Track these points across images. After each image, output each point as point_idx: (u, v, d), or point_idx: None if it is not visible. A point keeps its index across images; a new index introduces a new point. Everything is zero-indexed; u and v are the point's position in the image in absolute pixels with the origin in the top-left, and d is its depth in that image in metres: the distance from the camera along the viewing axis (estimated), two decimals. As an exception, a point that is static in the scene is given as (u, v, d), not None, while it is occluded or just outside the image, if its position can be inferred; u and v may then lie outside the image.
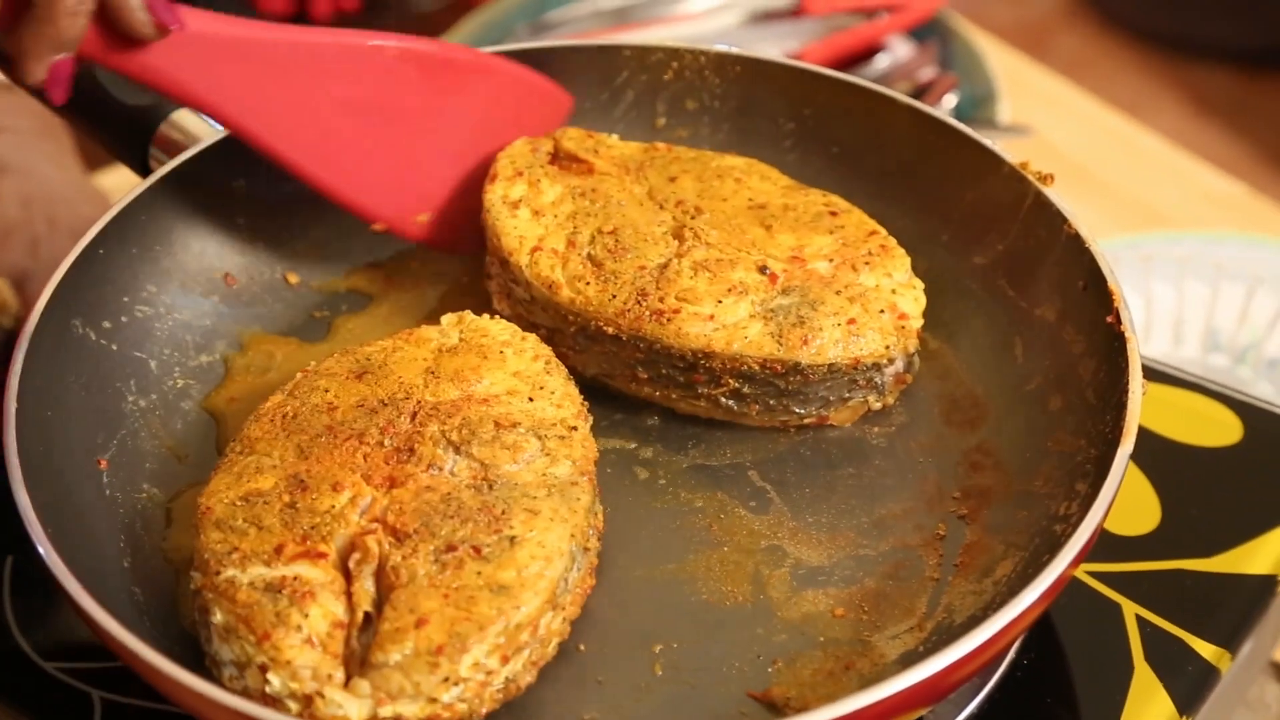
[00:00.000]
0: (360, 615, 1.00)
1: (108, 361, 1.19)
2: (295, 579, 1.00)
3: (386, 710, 0.97)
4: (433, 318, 1.22)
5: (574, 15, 1.91)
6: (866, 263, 1.18)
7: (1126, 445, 1.04)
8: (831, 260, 1.19)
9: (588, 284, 1.18)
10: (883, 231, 1.21)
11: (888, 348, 1.16)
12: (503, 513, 1.03)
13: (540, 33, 1.89)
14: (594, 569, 1.08)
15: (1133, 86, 3.34)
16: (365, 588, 1.01)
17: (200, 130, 1.25)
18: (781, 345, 1.15)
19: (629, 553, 1.12)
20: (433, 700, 0.97)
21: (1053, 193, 1.20)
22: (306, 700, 0.97)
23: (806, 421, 1.19)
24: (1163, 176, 1.81)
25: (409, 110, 1.24)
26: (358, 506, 1.04)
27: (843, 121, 1.32)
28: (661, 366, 1.17)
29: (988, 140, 1.25)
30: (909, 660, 1.05)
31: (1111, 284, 1.13)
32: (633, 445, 1.19)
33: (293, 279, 1.31)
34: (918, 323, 1.17)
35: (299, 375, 1.14)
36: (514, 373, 1.13)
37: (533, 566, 1.01)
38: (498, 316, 1.18)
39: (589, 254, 1.20)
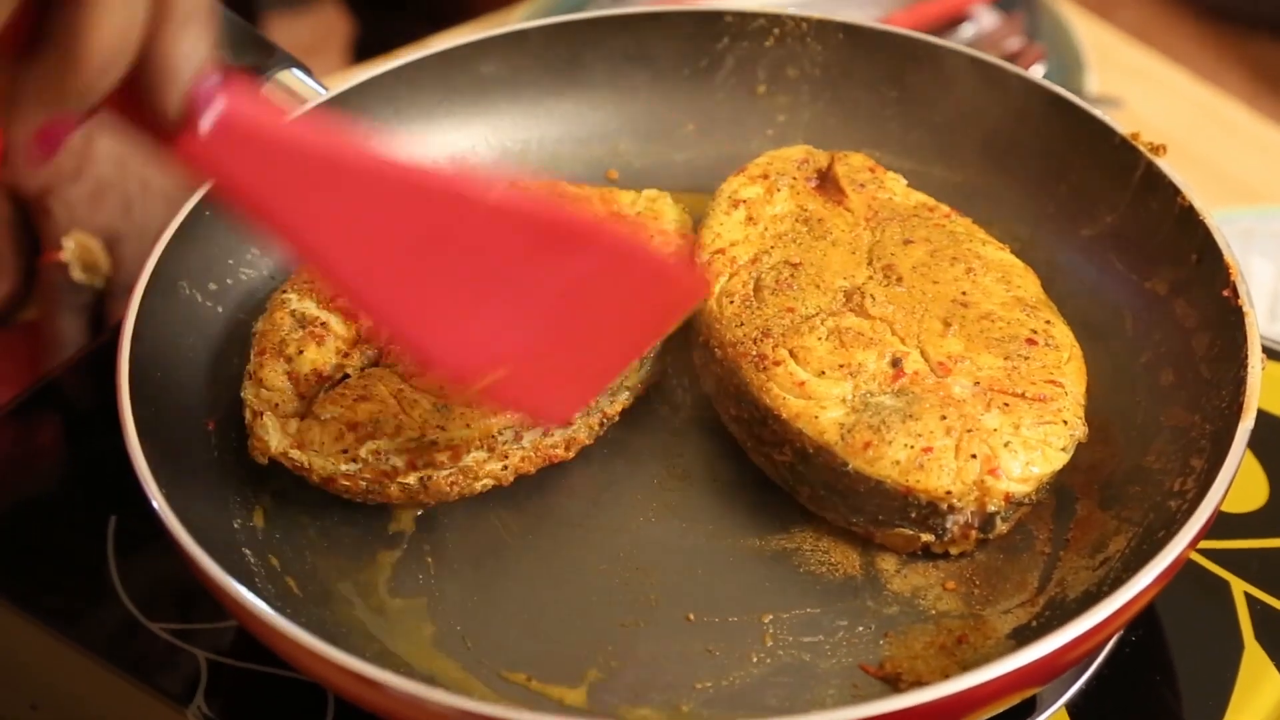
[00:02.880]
0: (340, 375, 1.11)
1: (214, 324, 1.19)
2: (322, 324, 1.13)
3: (296, 454, 1.08)
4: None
5: (655, -16, 1.90)
6: (1007, 403, 1.07)
7: (1246, 422, 1.02)
8: (979, 384, 1.08)
9: (732, 302, 1.15)
10: (1065, 386, 1.09)
11: (949, 493, 1.05)
12: None
13: (621, 2, 1.88)
14: (574, 446, 1.13)
15: (1193, 60, 3.30)
16: (362, 355, 1.12)
17: (305, 92, 1.24)
18: (844, 440, 1.07)
19: (735, 523, 1.12)
20: (331, 465, 1.07)
21: (1165, 164, 1.18)
22: (254, 415, 1.10)
23: (853, 527, 1.10)
24: (1253, 150, 1.78)
25: (496, 262, 0.99)
26: None
27: (946, 90, 1.31)
28: (745, 408, 1.13)
29: (1097, 111, 1.23)
30: (1021, 635, 1.04)
31: (1228, 257, 1.11)
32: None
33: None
34: (1012, 486, 1.05)
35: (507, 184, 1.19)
36: None
37: (479, 410, 1.08)
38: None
39: (759, 277, 1.16)
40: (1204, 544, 1.16)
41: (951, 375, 1.09)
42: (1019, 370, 1.09)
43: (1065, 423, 1.07)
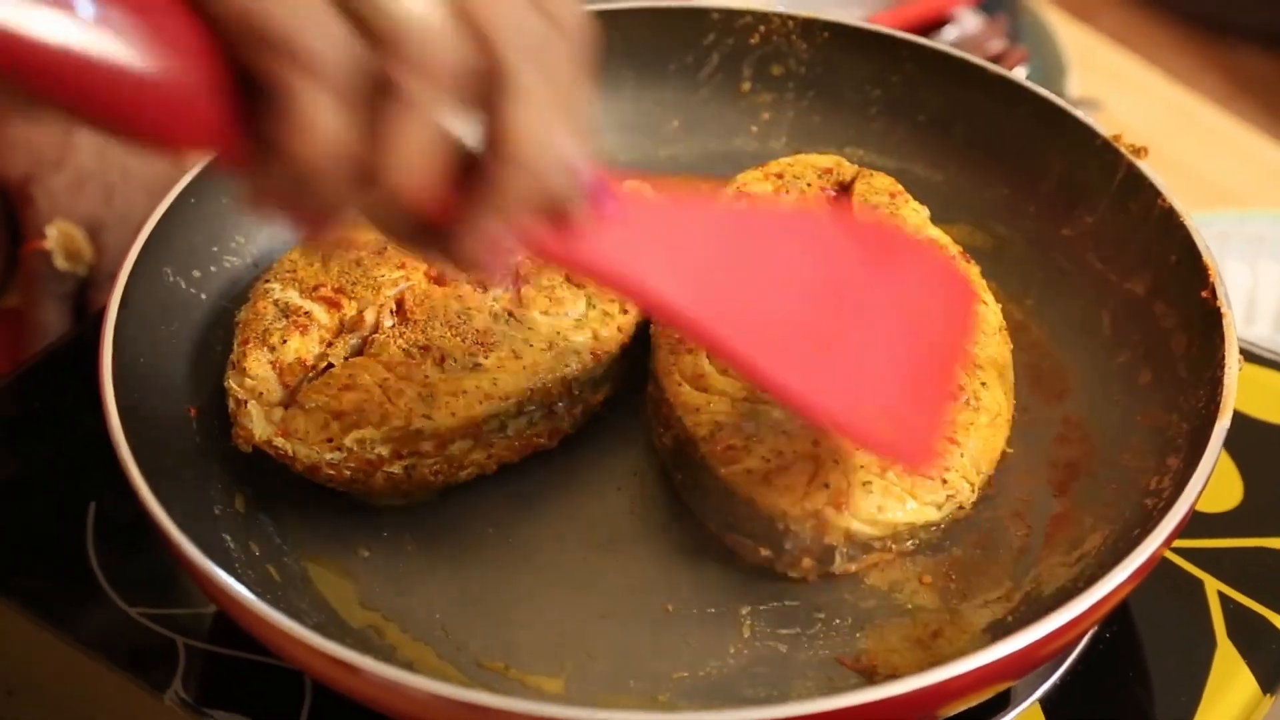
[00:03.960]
0: (324, 365, 1.10)
1: (197, 311, 1.19)
2: (306, 313, 1.12)
3: (280, 442, 1.08)
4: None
5: (641, -22, 1.90)
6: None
7: (1223, 421, 1.03)
8: None
9: None
10: (962, 446, 1.06)
11: (785, 513, 1.04)
12: (493, 343, 1.11)
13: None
14: (557, 435, 1.13)
15: (1171, 66, 3.32)
16: (346, 344, 1.12)
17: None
18: (711, 438, 1.07)
19: (714, 515, 1.13)
20: (315, 453, 1.07)
21: (1146, 166, 1.19)
22: (238, 405, 1.09)
23: (708, 526, 1.10)
24: (1230, 154, 1.80)
25: (852, 292, 0.97)
26: (398, 285, 1.13)
27: (930, 90, 1.32)
28: (655, 387, 1.14)
29: (1079, 112, 1.24)
30: (996, 629, 1.05)
31: (1207, 259, 1.12)
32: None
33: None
34: (855, 524, 1.04)
35: None
36: None
37: (470, 395, 1.08)
38: None
39: None
40: (1179, 543, 1.17)
41: None
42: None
43: (945, 481, 1.05)
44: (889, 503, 1.04)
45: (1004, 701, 1.07)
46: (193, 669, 1.10)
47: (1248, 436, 1.24)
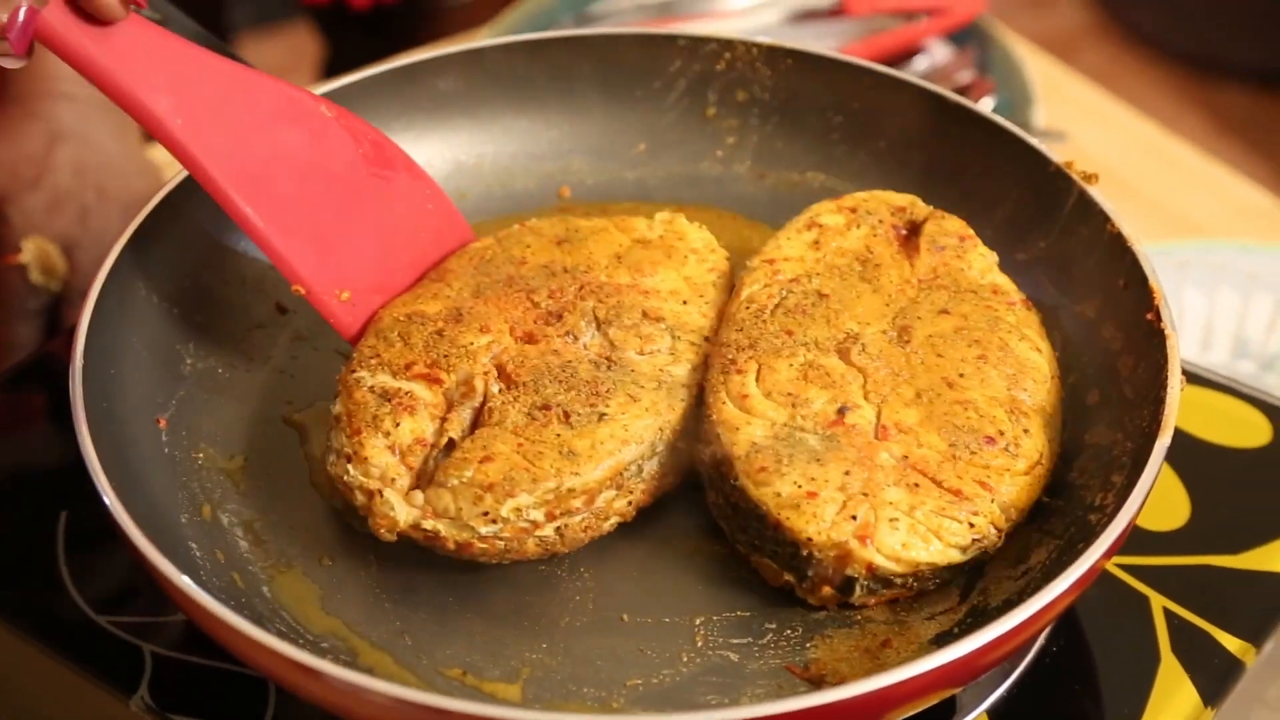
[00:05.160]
0: (444, 440, 1.09)
1: (169, 324, 1.21)
2: (407, 394, 1.11)
3: (428, 524, 1.07)
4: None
5: (617, 9, 1.93)
6: (917, 483, 1.07)
7: (1164, 439, 1.06)
8: (906, 459, 1.08)
9: (749, 309, 1.18)
10: (995, 491, 1.08)
11: (810, 540, 1.05)
12: (607, 391, 1.12)
13: (584, 25, 1.91)
14: (680, 470, 1.14)
15: (1155, 103, 3.36)
16: (461, 417, 1.10)
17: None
18: (746, 458, 1.09)
19: (674, 527, 1.15)
20: (470, 529, 1.06)
21: (1096, 192, 1.22)
22: (369, 494, 1.07)
23: (736, 544, 1.12)
24: (1195, 186, 1.83)
25: (338, 177, 1.20)
26: (490, 350, 1.13)
27: (890, 117, 1.35)
28: (702, 404, 1.16)
29: (1033, 140, 1.27)
30: (943, 641, 1.08)
31: (1153, 282, 1.15)
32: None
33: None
34: (878, 559, 1.05)
35: (515, 226, 1.25)
36: (686, 276, 1.22)
37: (608, 444, 1.09)
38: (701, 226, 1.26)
39: (785, 296, 1.18)
40: (1126, 560, 1.19)
41: (888, 441, 1.09)
42: (956, 460, 1.08)
43: (971, 525, 1.07)
44: (914, 541, 1.06)
45: (950, 710, 1.10)
46: (159, 676, 1.13)
47: (1196, 458, 1.26)
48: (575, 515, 1.09)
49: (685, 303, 1.19)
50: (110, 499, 1.02)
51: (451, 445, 1.09)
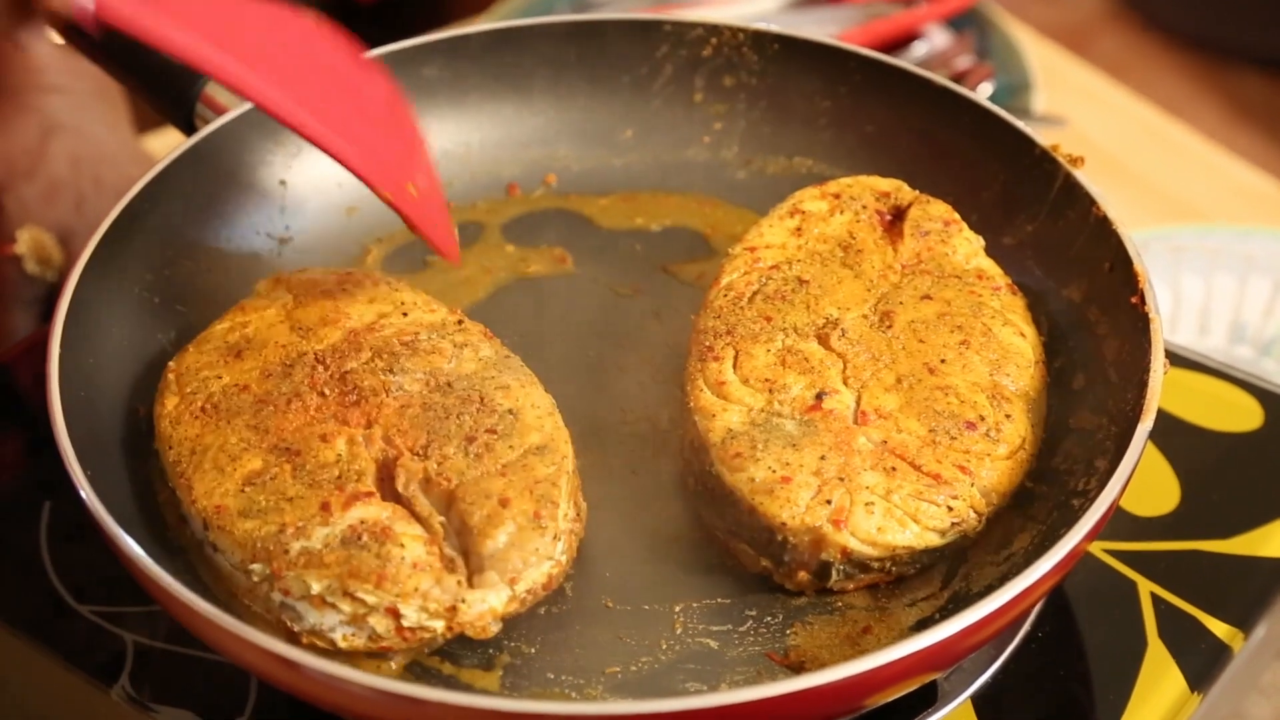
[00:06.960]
0: (437, 526, 1.04)
1: (149, 313, 1.21)
2: (362, 523, 1.03)
3: (520, 586, 1.03)
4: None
5: (616, -4, 1.93)
6: (894, 467, 1.06)
7: (1146, 422, 1.05)
8: (885, 444, 1.08)
9: (727, 296, 1.17)
10: (974, 476, 1.07)
11: (784, 524, 1.05)
12: (483, 398, 1.10)
13: (583, 12, 1.91)
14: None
15: (1170, 90, 3.34)
16: (425, 502, 1.05)
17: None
18: (722, 444, 1.08)
19: (655, 515, 1.14)
20: (550, 558, 1.03)
21: (1082, 175, 1.21)
22: (450, 613, 1.01)
23: (714, 530, 1.12)
24: (1195, 170, 1.82)
25: (356, 85, 1.22)
26: (359, 445, 1.07)
27: (877, 102, 1.34)
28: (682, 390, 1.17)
29: (1019, 123, 1.26)
30: (925, 627, 1.06)
31: (1137, 266, 1.14)
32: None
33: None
34: (853, 543, 1.05)
35: (170, 377, 1.14)
36: (368, 300, 1.17)
37: (546, 423, 1.09)
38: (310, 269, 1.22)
39: (765, 283, 1.18)
40: (1114, 545, 1.18)
41: (866, 427, 1.09)
42: (935, 446, 1.08)
43: (950, 509, 1.06)
44: (890, 525, 1.05)
45: (932, 697, 1.09)
46: (141, 666, 1.13)
47: (1188, 443, 1.25)
48: (580, 499, 1.10)
49: (406, 314, 1.16)
50: (85, 489, 1.02)
51: (444, 530, 1.04)
